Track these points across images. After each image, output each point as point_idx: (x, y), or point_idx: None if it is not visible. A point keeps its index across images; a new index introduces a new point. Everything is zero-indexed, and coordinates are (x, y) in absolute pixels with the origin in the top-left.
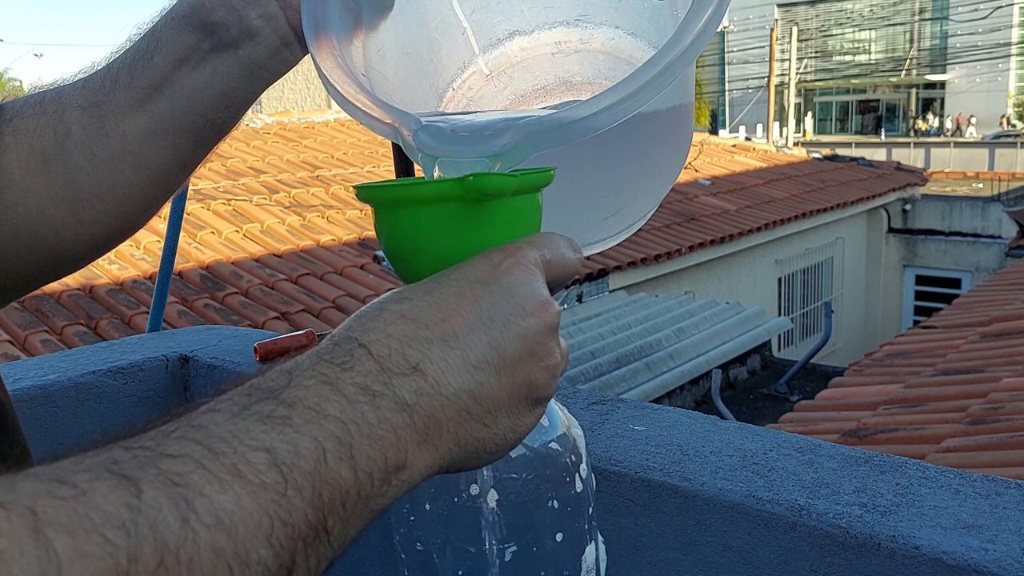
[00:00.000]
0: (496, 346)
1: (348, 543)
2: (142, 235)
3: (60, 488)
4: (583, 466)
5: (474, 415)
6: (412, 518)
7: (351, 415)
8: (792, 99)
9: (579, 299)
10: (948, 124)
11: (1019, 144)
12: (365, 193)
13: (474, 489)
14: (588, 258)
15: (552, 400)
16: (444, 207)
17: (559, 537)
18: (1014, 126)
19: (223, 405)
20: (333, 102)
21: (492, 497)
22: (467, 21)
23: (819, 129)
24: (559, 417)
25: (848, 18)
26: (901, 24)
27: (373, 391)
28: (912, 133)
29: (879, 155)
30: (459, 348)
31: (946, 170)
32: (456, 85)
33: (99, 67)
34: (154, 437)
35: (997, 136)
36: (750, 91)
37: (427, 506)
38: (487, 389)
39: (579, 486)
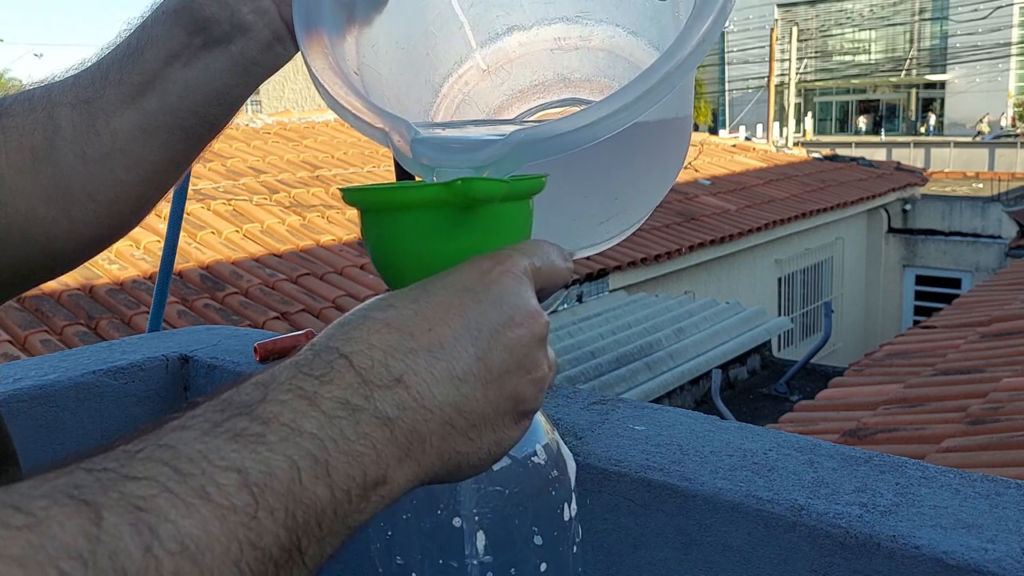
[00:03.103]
0: (483, 358)
1: (324, 561)
2: (142, 235)
3: (15, 516)
4: (573, 503)
5: (458, 429)
6: (390, 532)
7: (328, 431)
8: (792, 99)
9: (579, 299)
10: (1003, 122)
11: (1019, 144)
12: (352, 196)
13: (456, 502)
14: (588, 258)
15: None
16: (432, 212)
17: (544, 567)
18: (1015, 127)
19: (194, 422)
20: None
21: (475, 510)
22: (465, 15)
23: (819, 129)
24: (543, 428)
25: (848, 18)
26: (901, 24)
27: (353, 405)
28: (978, 136)
29: (879, 155)
30: (445, 359)
31: (946, 170)
32: (452, 80)
33: (89, 64)
34: (119, 457)
35: (997, 136)
36: (750, 91)
37: (404, 516)
38: (472, 402)
39: (566, 515)
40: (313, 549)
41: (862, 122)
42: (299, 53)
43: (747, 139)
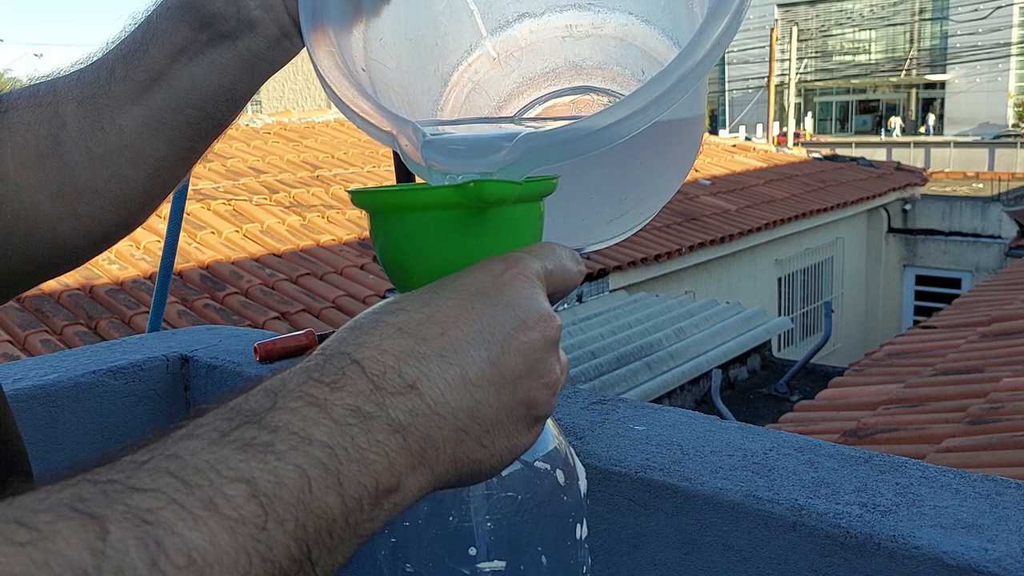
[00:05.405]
0: (496, 362)
1: (336, 570)
2: (142, 235)
3: (18, 532)
4: (584, 525)
5: (472, 435)
6: (393, 539)
7: (339, 440)
8: (792, 99)
9: (579, 299)
10: None
11: (1019, 144)
12: (361, 198)
13: (467, 508)
14: (588, 258)
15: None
16: (443, 214)
17: None
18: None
19: (201, 430)
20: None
21: (487, 516)
22: (474, 3)
23: (819, 129)
24: (551, 433)
25: (848, 18)
26: (901, 24)
27: (365, 413)
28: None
29: (879, 155)
30: (457, 364)
31: (946, 170)
32: (462, 69)
33: (94, 59)
34: (125, 468)
35: (997, 136)
36: (750, 91)
37: (412, 523)
38: (486, 408)
39: (578, 532)
40: (324, 559)
41: (894, 122)
42: (304, 50)
43: (747, 139)
